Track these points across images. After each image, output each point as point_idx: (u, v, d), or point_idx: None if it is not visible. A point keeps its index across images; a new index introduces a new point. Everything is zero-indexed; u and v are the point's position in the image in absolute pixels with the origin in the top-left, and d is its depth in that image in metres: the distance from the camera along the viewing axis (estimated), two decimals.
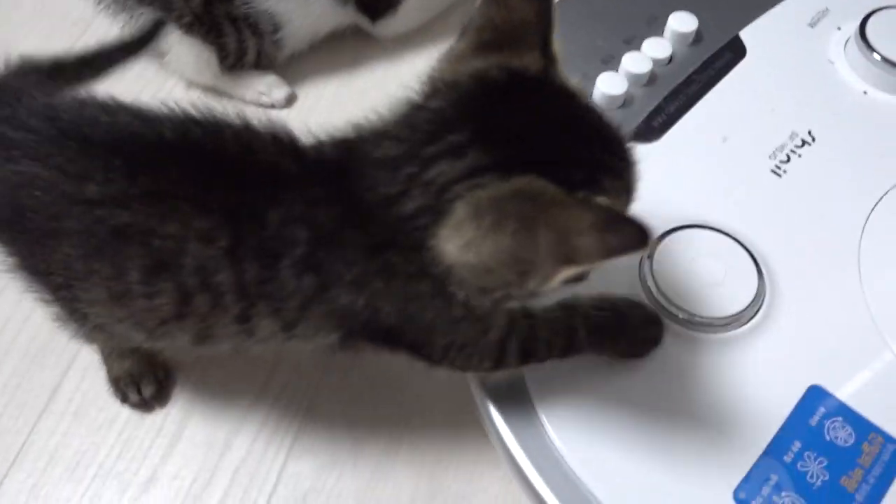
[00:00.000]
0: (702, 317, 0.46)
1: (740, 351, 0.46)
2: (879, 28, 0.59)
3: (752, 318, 0.46)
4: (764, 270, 0.48)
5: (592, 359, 0.44)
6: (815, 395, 0.44)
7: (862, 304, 0.48)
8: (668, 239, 0.49)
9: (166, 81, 0.73)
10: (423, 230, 0.35)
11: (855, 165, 0.54)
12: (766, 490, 0.42)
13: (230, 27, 0.67)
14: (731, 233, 0.49)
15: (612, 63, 0.61)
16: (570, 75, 0.55)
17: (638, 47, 0.61)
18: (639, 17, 0.64)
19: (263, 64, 0.71)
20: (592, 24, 0.64)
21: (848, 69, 0.60)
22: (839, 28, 0.62)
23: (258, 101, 0.71)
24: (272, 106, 0.72)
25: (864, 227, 0.51)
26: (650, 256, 0.47)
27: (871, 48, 0.58)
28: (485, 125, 0.36)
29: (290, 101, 0.73)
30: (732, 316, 0.46)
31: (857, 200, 0.52)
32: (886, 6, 0.60)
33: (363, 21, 0.73)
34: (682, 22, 0.62)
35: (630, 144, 0.38)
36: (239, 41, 0.68)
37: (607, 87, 0.57)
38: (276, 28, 0.68)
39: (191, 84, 0.72)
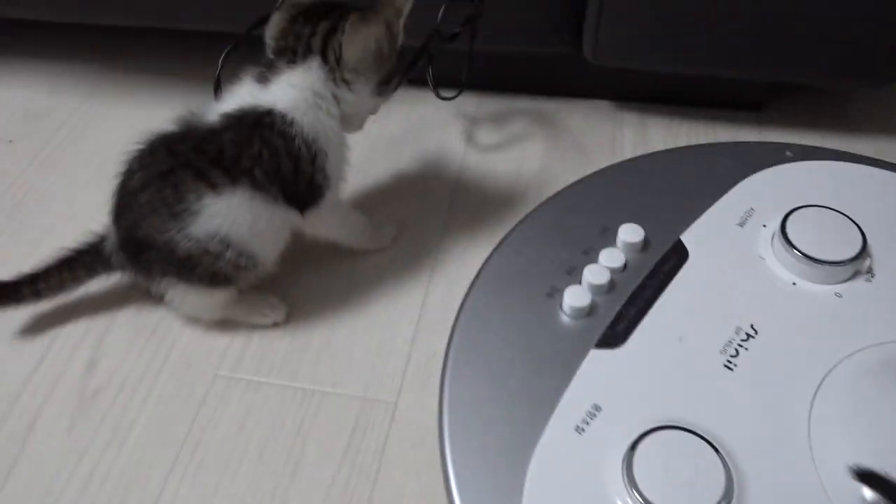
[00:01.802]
0: None
1: None
2: (798, 226, 0.70)
3: None
4: (730, 464, 0.55)
5: None
6: None
7: (818, 487, 0.55)
8: (643, 443, 0.56)
9: None
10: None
11: (796, 353, 0.63)
12: None
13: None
14: (697, 430, 0.57)
15: (575, 274, 0.70)
16: (540, 289, 0.66)
17: (595, 259, 0.71)
18: (592, 229, 0.74)
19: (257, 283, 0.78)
20: (553, 237, 0.74)
21: (777, 263, 0.69)
22: (765, 225, 0.73)
23: (262, 322, 0.79)
24: (275, 324, 0.79)
25: (810, 412, 0.59)
26: (629, 467, 0.54)
27: (791, 245, 0.68)
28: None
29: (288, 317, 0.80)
30: None
31: (801, 387, 0.60)
32: (803, 205, 0.71)
33: (297, 220, 0.75)
34: (630, 233, 0.71)
35: None
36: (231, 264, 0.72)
37: (574, 300, 0.66)
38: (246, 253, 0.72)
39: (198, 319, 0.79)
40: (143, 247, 0.71)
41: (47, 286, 0.75)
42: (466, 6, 0.82)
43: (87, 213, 0.90)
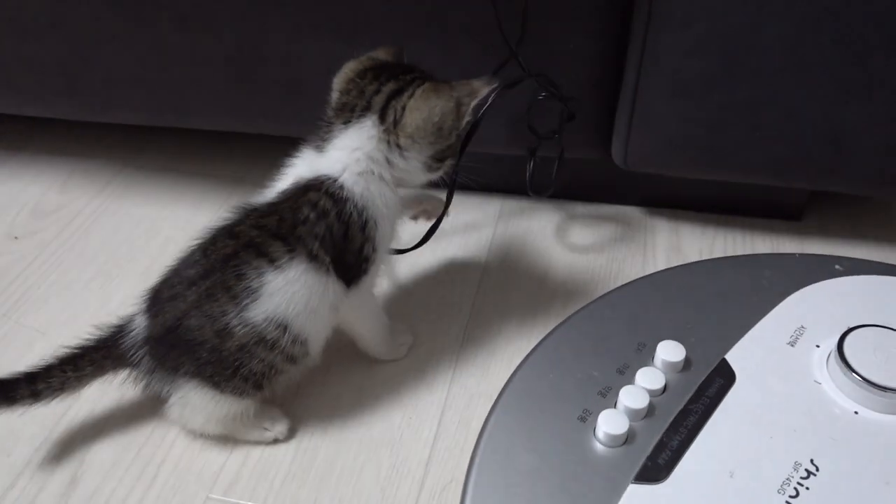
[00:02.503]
0: None
1: None
2: (857, 347, 0.63)
3: None
4: None
5: None
6: None
7: None
8: None
9: None
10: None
11: (862, 494, 0.55)
12: None
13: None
14: None
15: (609, 396, 0.63)
16: (571, 412, 0.59)
17: (632, 379, 0.64)
18: (628, 346, 0.68)
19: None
20: (585, 353, 0.68)
21: (835, 389, 0.62)
22: (818, 346, 0.66)
23: (262, 439, 0.72)
24: (275, 440, 0.72)
25: None
26: None
27: (851, 369, 0.61)
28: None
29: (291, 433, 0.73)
30: None
31: None
32: (861, 325, 0.65)
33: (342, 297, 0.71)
34: (670, 351, 0.65)
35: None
36: (266, 364, 0.68)
37: (610, 427, 0.59)
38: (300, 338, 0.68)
39: (193, 433, 0.72)
40: (179, 341, 0.66)
41: (47, 386, 0.68)
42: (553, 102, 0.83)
43: (83, 315, 0.86)
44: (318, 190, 0.66)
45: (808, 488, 0.55)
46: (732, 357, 0.66)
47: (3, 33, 0.93)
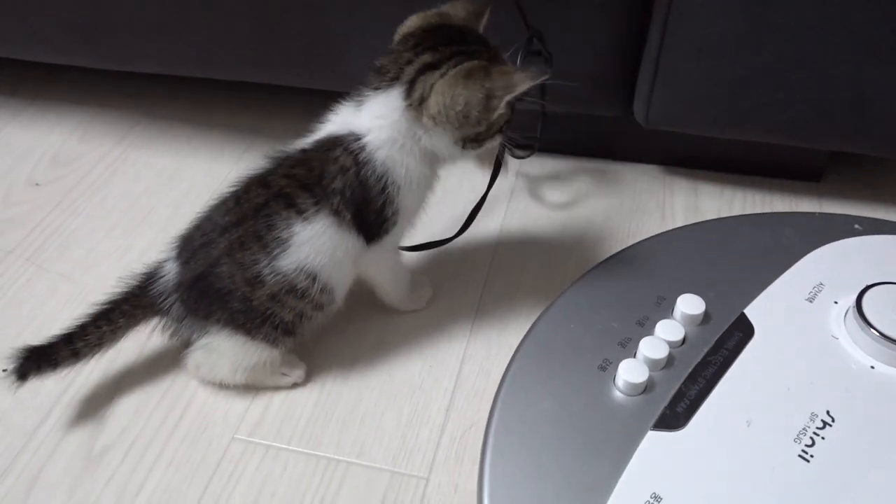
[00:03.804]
0: None
1: None
2: (876, 304, 0.64)
3: None
4: None
5: None
6: None
7: None
8: None
9: None
10: None
11: (878, 446, 0.56)
12: None
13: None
14: None
15: (629, 346, 0.64)
16: (591, 361, 0.60)
17: (651, 331, 0.65)
18: (647, 300, 0.69)
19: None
20: (605, 306, 0.69)
21: (852, 344, 0.63)
22: (836, 302, 0.67)
23: (281, 384, 0.73)
24: (294, 385, 0.73)
25: None
26: None
27: (869, 324, 0.62)
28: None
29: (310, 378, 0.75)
30: None
31: (887, 485, 0.53)
32: (880, 282, 0.65)
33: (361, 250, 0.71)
34: (690, 304, 0.66)
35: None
36: (296, 312, 0.69)
37: (630, 375, 0.60)
38: (328, 286, 0.69)
39: (213, 383, 0.73)
40: (210, 289, 0.67)
41: (85, 344, 0.69)
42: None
43: (105, 261, 0.87)
44: (342, 146, 0.66)
45: (823, 438, 0.57)
46: (751, 311, 0.67)
47: None
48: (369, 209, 0.67)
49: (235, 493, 0.64)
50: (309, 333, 0.72)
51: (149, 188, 0.97)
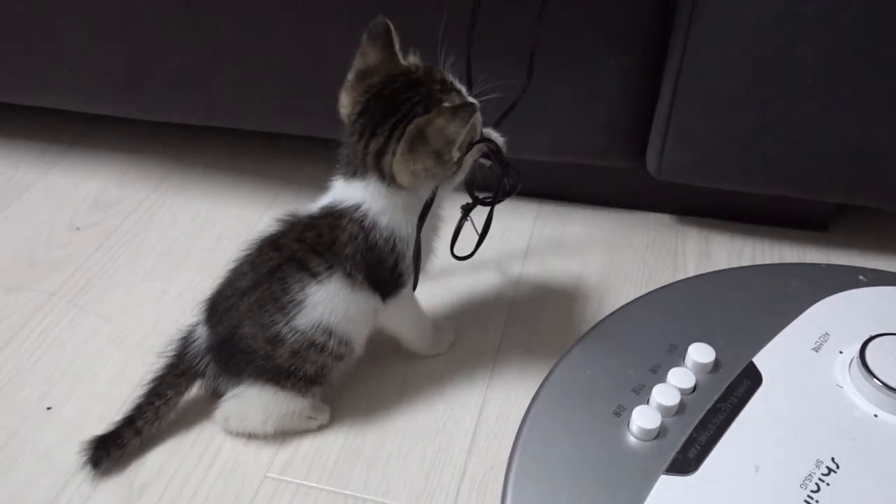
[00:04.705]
0: None
1: None
2: (878, 354, 0.67)
3: None
4: None
5: None
6: None
7: None
8: None
9: None
10: None
11: (880, 492, 0.59)
12: None
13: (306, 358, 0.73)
14: None
15: (643, 393, 0.68)
16: (606, 407, 0.64)
17: (664, 378, 0.68)
18: (660, 347, 0.72)
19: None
20: (620, 353, 0.72)
21: (856, 392, 0.66)
22: (841, 352, 0.70)
23: (308, 427, 0.77)
24: (319, 427, 0.77)
25: None
26: None
27: (872, 374, 0.65)
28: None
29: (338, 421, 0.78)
30: None
31: None
32: (883, 333, 0.68)
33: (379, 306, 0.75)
34: (701, 353, 0.69)
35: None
36: (318, 365, 0.73)
37: (644, 421, 0.63)
38: (345, 339, 0.73)
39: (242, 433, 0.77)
40: (238, 349, 0.71)
41: (145, 422, 0.74)
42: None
43: (144, 304, 0.91)
44: (347, 216, 0.70)
45: (828, 484, 0.60)
46: (760, 360, 0.70)
47: (72, 34, 0.98)
48: (383, 268, 0.71)
49: None
50: (336, 380, 0.76)
51: (184, 232, 1.02)
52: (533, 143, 0.93)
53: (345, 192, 0.71)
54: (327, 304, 0.70)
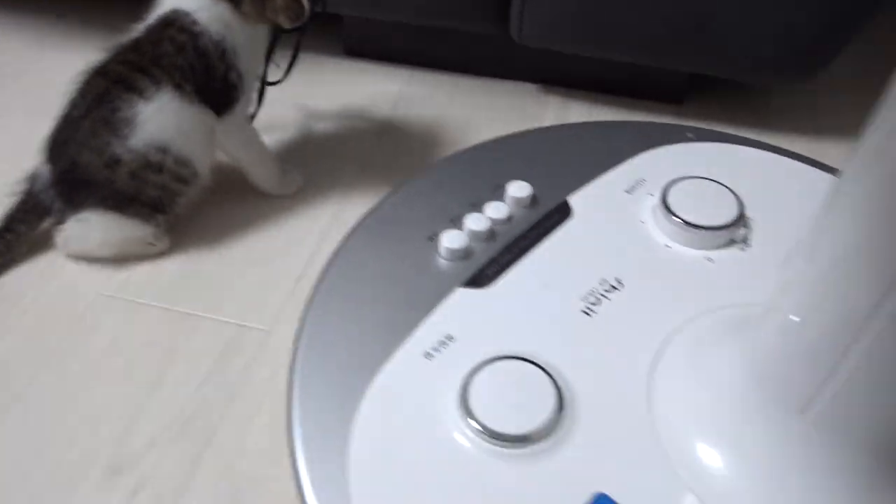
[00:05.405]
0: (507, 434, 0.53)
1: (540, 463, 0.53)
2: (679, 194, 0.71)
3: (549, 435, 0.54)
4: (564, 391, 0.56)
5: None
6: (601, 501, 0.51)
7: (649, 427, 0.55)
8: (483, 370, 0.57)
9: None
10: None
11: (653, 306, 0.64)
12: None
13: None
14: (542, 364, 0.58)
15: (457, 222, 0.71)
16: (421, 233, 0.67)
17: (481, 210, 0.72)
18: (485, 186, 0.75)
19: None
20: (445, 192, 0.75)
21: (654, 226, 0.71)
22: (651, 194, 0.74)
23: (149, 252, 0.79)
24: (159, 253, 0.79)
25: (656, 359, 0.60)
26: (465, 390, 0.55)
27: (669, 210, 0.70)
28: None
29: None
30: (533, 432, 0.53)
31: (652, 336, 0.61)
32: (684, 177, 0.73)
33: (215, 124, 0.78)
34: (518, 189, 0.73)
35: None
36: (159, 187, 0.75)
37: (451, 243, 0.67)
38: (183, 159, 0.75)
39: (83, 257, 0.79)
40: (79, 179, 0.73)
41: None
42: None
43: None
44: (175, 26, 0.72)
45: (609, 299, 0.64)
46: (574, 198, 0.74)
47: None
48: (214, 77, 0.73)
49: (94, 339, 0.71)
50: (181, 210, 0.78)
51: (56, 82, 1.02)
52: (397, 5, 0.95)
53: (176, 1, 0.72)
54: (157, 119, 0.71)
